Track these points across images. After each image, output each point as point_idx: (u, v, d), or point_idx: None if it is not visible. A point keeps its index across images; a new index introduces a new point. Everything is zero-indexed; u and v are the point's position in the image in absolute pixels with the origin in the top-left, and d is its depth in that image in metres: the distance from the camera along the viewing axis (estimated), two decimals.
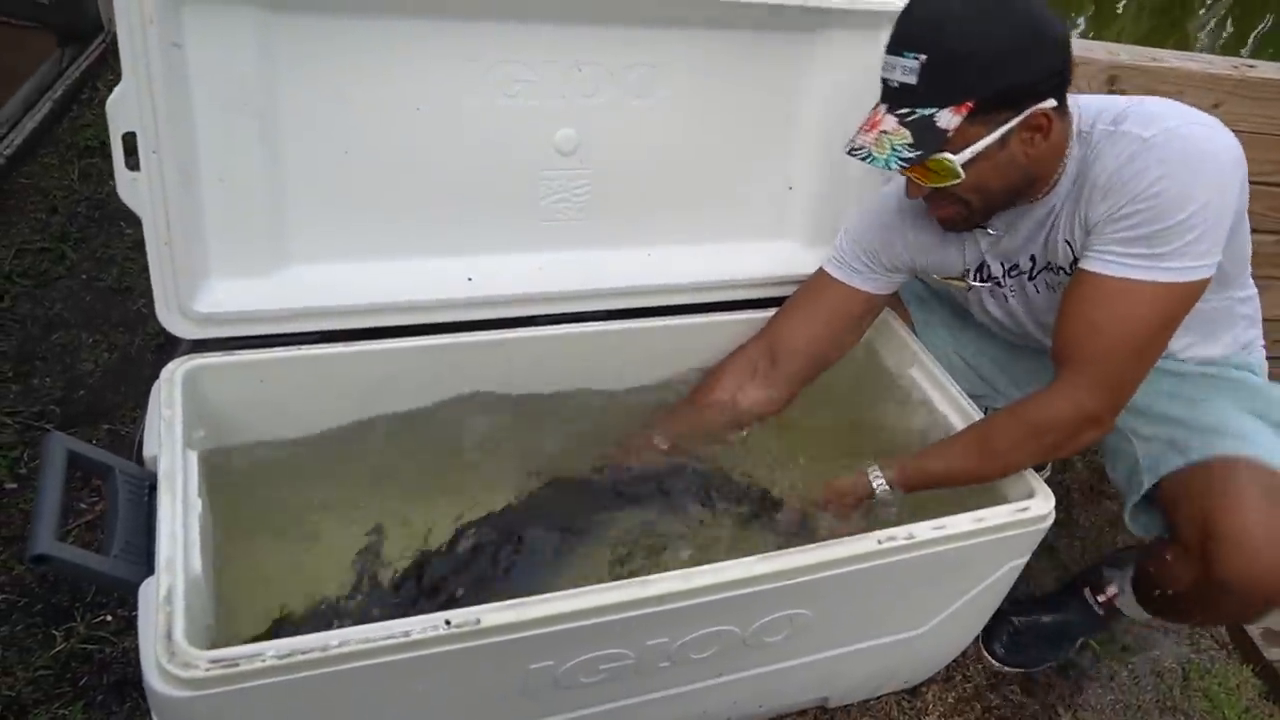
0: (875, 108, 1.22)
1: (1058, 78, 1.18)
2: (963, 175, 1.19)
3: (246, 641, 0.93)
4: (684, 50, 1.42)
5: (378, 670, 0.95)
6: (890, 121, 1.19)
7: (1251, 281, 1.41)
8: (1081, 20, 4.99)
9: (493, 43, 1.32)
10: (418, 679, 0.99)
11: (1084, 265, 1.23)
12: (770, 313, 1.57)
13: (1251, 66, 1.76)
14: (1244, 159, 1.20)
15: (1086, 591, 1.64)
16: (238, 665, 0.90)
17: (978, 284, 1.44)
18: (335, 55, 1.26)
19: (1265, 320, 1.45)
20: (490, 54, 1.32)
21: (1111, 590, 1.59)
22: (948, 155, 1.17)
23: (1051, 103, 1.18)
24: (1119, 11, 5.34)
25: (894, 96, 1.19)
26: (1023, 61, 1.15)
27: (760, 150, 1.56)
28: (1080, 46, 1.55)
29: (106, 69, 2.97)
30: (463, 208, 1.43)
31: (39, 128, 2.59)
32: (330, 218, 1.37)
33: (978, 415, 1.40)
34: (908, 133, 1.17)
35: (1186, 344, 1.40)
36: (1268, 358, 1.48)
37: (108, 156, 1.19)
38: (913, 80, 1.15)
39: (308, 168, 1.32)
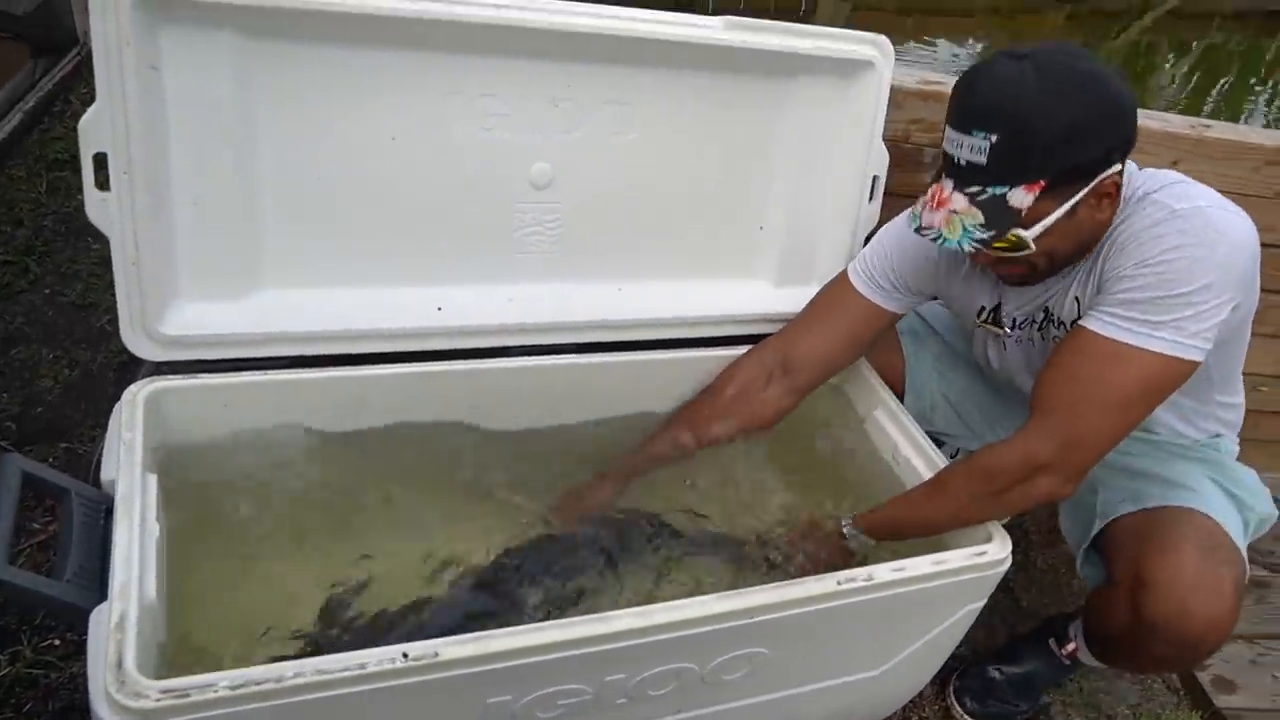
0: (939, 182, 1.20)
1: (1126, 144, 1.17)
2: (1034, 248, 1.18)
3: (200, 671, 0.91)
4: (659, 90, 1.44)
5: (333, 703, 0.94)
6: (960, 200, 1.16)
7: (1240, 389, 1.42)
8: None
9: (470, 76, 1.33)
10: (374, 712, 0.98)
11: (1082, 321, 1.22)
12: (740, 350, 1.58)
13: (1208, 127, 1.82)
14: (1258, 257, 1.19)
15: (1052, 642, 1.64)
16: (189, 696, 0.88)
17: (1010, 331, 1.41)
18: (311, 83, 1.27)
19: (1246, 374, 1.43)
20: (467, 87, 1.34)
21: (1070, 646, 1.61)
22: (1019, 231, 1.16)
23: (1118, 167, 1.17)
24: None
25: (961, 174, 1.17)
26: (1095, 137, 1.13)
27: (732, 190, 1.58)
28: None
29: (80, 81, 2.94)
30: (436, 238, 1.43)
31: (9, 139, 2.56)
32: (302, 243, 1.37)
33: (941, 460, 1.41)
34: (979, 212, 1.15)
35: (1158, 424, 1.41)
36: (1253, 409, 1.50)
37: (77, 170, 1.18)
38: (982, 160, 1.13)
39: (282, 193, 1.32)
